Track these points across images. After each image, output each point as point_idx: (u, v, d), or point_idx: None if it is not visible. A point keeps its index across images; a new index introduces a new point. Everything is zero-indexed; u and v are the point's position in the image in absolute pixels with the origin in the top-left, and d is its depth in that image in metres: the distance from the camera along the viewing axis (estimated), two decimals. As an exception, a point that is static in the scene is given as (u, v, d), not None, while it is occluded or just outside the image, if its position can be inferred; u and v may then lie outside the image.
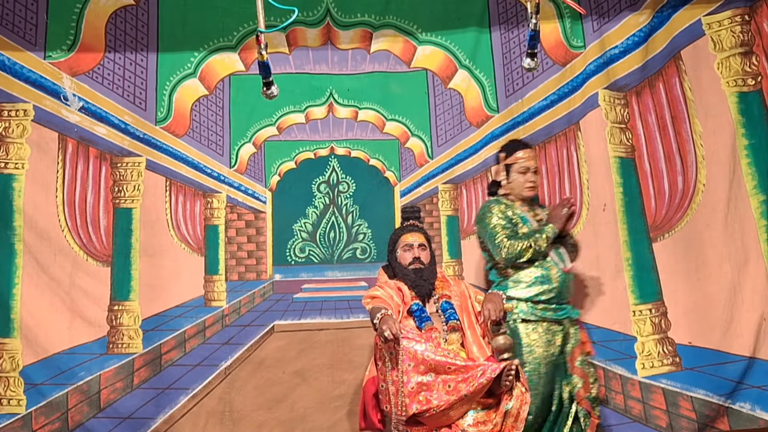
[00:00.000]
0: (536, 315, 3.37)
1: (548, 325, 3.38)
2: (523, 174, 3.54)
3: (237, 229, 4.14)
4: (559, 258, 3.47)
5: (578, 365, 3.40)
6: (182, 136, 4.13)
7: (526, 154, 3.56)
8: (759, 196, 3.61)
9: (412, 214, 3.54)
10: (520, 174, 3.54)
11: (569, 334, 3.42)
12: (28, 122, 3.85)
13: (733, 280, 3.60)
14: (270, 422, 3.83)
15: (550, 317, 3.38)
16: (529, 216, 3.55)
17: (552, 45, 4.18)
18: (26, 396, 3.63)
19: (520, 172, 3.54)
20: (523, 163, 3.53)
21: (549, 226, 3.43)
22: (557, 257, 3.46)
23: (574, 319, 3.48)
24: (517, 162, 3.54)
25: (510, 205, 3.55)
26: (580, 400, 3.36)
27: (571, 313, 3.46)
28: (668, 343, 3.76)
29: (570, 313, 3.45)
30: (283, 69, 4.19)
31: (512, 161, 3.56)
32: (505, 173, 3.58)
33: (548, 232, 3.41)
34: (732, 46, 3.75)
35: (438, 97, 4.29)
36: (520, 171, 3.54)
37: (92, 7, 4.01)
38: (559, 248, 3.49)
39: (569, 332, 3.42)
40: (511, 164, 3.56)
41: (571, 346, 3.42)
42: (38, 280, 3.73)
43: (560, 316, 3.40)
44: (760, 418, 3.45)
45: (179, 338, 3.93)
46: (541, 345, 3.34)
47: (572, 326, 3.45)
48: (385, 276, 3.40)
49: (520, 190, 3.55)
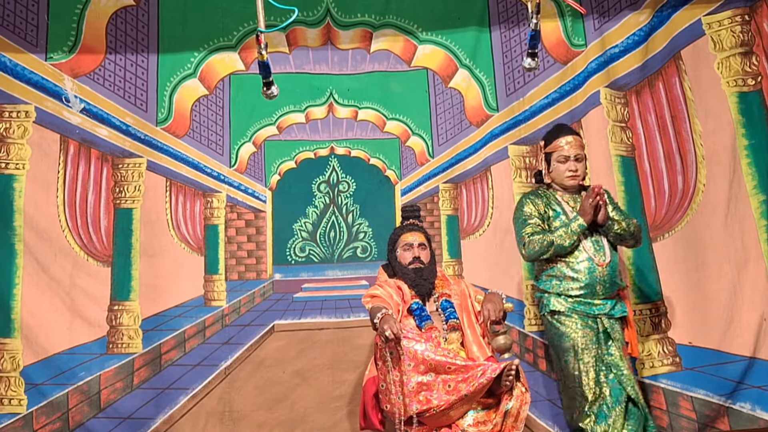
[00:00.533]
0: (567, 306, 3.22)
1: (581, 318, 3.20)
2: (563, 163, 3.33)
3: (237, 229, 4.14)
4: (595, 250, 3.24)
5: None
6: (182, 136, 4.13)
7: (565, 142, 3.34)
8: (759, 196, 3.61)
9: (412, 213, 3.54)
10: (560, 163, 3.34)
11: (611, 333, 3.21)
12: (30, 123, 3.86)
13: (733, 280, 3.59)
14: (270, 422, 3.83)
15: (582, 311, 3.21)
16: (569, 207, 3.34)
17: (553, 43, 4.18)
18: (27, 396, 3.64)
19: (560, 162, 3.34)
20: (563, 152, 3.33)
21: (576, 220, 3.22)
22: (593, 249, 3.25)
23: (616, 317, 3.26)
24: (556, 150, 3.35)
25: (549, 195, 3.38)
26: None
27: (611, 311, 3.24)
28: (668, 343, 3.76)
29: (611, 311, 3.24)
30: (283, 69, 4.19)
31: (551, 149, 3.37)
32: (546, 163, 3.40)
33: (573, 227, 3.21)
34: (732, 46, 3.74)
35: (438, 96, 4.29)
36: (560, 160, 3.34)
37: (93, 8, 4.02)
38: (598, 239, 3.27)
39: (611, 330, 3.21)
40: (551, 153, 3.37)
41: (617, 348, 3.20)
42: (38, 280, 3.74)
43: (593, 312, 3.21)
44: (761, 418, 3.44)
45: (179, 338, 3.93)
46: (577, 331, 3.18)
47: (615, 324, 3.24)
48: (385, 275, 3.40)
49: (561, 180, 3.36)
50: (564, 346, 3.21)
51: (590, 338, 3.18)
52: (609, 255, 3.26)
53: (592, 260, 3.22)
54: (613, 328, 3.23)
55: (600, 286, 3.21)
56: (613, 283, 3.25)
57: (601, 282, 3.21)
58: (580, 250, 3.24)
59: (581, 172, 3.37)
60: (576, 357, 3.17)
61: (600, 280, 3.21)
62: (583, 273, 3.21)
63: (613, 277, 3.25)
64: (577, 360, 3.16)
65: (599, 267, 3.21)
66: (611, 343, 3.20)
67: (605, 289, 3.23)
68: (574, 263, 3.23)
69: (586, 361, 3.16)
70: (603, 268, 3.22)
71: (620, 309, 3.28)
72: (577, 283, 3.21)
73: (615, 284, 3.26)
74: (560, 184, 3.39)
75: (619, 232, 3.28)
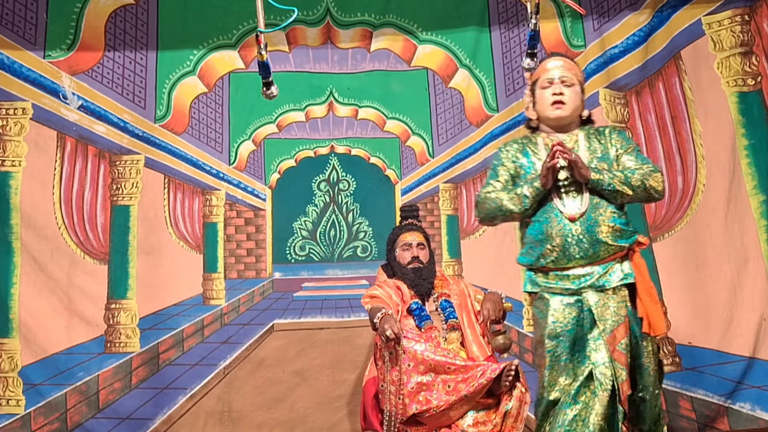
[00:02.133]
0: (538, 285, 2.53)
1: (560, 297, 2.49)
2: (547, 88, 2.56)
3: (236, 227, 4.14)
4: (564, 198, 2.49)
5: (622, 350, 2.42)
6: (181, 133, 4.12)
7: (552, 65, 2.59)
8: (759, 196, 3.61)
9: (410, 213, 3.54)
10: (544, 89, 2.57)
11: (605, 307, 2.45)
12: (27, 120, 3.84)
13: (733, 280, 3.60)
14: (270, 422, 3.82)
15: (558, 288, 2.49)
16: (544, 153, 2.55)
17: (553, 44, 4.18)
18: (25, 396, 3.62)
19: (544, 87, 2.57)
20: (547, 74, 2.57)
21: (529, 184, 2.51)
22: (564, 197, 2.49)
23: (608, 289, 2.46)
24: (540, 75, 2.60)
25: (531, 143, 2.63)
26: (624, 398, 2.41)
27: (602, 280, 2.45)
28: (668, 343, 3.76)
29: (600, 281, 2.45)
30: (282, 67, 4.18)
31: (536, 76, 2.63)
32: (531, 95, 2.65)
33: (523, 191, 2.49)
34: (732, 46, 3.74)
35: (439, 96, 4.29)
36: (543, 86, 2.58)
37: (92, 7, 4.00)
38: (569, 192, 2.50)
39: (603, 305, 2.45)
40: (536, 81, 2.63)
41: (611, 324, 2.43)
42: (36, 279, 3.72)
43: (571, 286, 2.47)
44: (760, 418, 3.45)
45: (177, 337, 3.92)
46: (555, 314, 2.47)
47: (607, 298, 2.45)
48: (384, 275, 3.39)
49: (545, 112, 2.58)
50: (536, 337, 2.56)
51: (567, 323, 2.47)
52: (586, 203, 2.46)
53: (560, 213, 2.48)
54: (605, 307, 2.45)
55: (575, 247, 2.44)
56: (596, 242, 2.44)
57: (577, 242, 2.44)
58: (551, 205, 2.50)
59: (571, 101, 2.56)
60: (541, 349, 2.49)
61: (574, 238, 2.44)
62: (553, 232, 2.47)
63: (594, 234, 2.43)
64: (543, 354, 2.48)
65: (569, 222, 2.45)
66: (606, 321, 2.43)
67: (583, 251, 2.44)
68: (542, 219, 2.50)
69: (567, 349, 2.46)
70: (576, 224, 2.44)
71: (618, 275, 2.47)
72: (545, 247, 2.48)
73: (599, 242, 2.44)
74: (546, 121, 2.62)
75: (613, 188, 2.44)
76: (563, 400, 2.44)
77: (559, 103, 2.54)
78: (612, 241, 2.46)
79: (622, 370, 2.41)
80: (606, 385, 2.39)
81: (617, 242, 2.47)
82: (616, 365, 2.41)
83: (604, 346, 2.42)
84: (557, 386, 2.47)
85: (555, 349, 2.47)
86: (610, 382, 2.39)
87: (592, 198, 2.47)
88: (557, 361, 2.47)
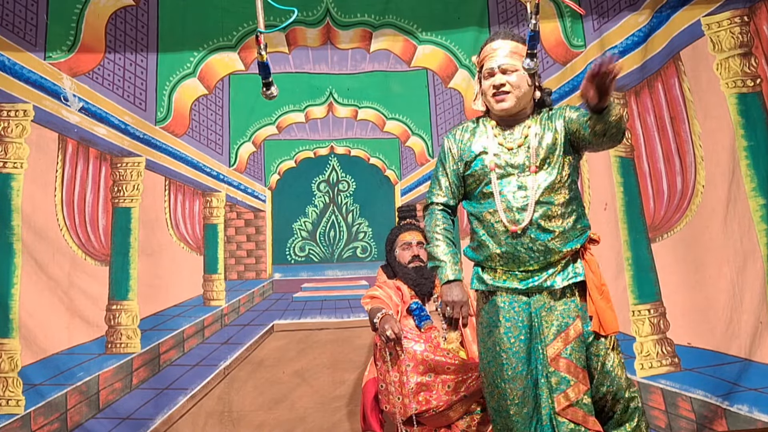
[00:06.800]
0: (485, 283, 2.39)
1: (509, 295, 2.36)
2: (488, 79, 2.39)
3: (236, 228, 4.14)
4: (508, 205, 2.33)
5: (566, 357, 2.30)
6: (182, 135, 4.12)
7: (491, 48, 2.39)
8: (758, 198, 3.61)
9: (408, 213, 3.54)
10: (485, 80, 2.40)
11: (551, 311, 2.33)
12: (28, 122, 3.85)
13: (732, 281, 3.60)
14: (270, 422, 3.83)
15: (506, 287, 2.35)
16: (494, 145, 2.39)
17: (552, 44, 4.19)
18: (25, 396, 3.63)
19: (485, 78, 2.41)
20: (487, 62, 2.38)
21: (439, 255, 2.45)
22: (506, 203, 2.34)
23: (556, 289, 2.33)
24: (483, 63, 2.41)
25: (474, 127, 2.48)
26: (561, 408, 2.27)
27: (548, 282, 2.33)
28: (667, 343, 3.76)
29: (546, 283, 2.32)
30: (282, 68, 4.19)
31: (480, 62, 2.44)
32: (479, 82, 2.47)
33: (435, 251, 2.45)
34: (731, 47, 3.75)
35: (438, 96, 4.29)
36: (485, 75, 2.40)
37: (92, 8, 4.01)
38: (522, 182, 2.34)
39: (550, 308, 2.33)
40: (480, 68, 2.45)
41: (556, 329, 2.30)
42: (37, 279, 3.74)
43: (519, 287, 2.35)
44: (758, 419, 3.46)
45: (178, 338, 3.93)
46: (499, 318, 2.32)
47: (555, 300, 2.34)
48: (384, 276, 3.40)
49: (490, 106, 2.43)
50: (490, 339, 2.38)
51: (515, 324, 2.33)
52: (530, 213, 2.30)
53: (505, 227, 2.33)
54: (550, 310, 2.33)
55: (525, 255, 2.32)
56: (548, 251, 2.31)
57: (526, 250, 2.31)
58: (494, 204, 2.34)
59: (515, 89, 2.36)
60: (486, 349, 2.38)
61: (523, 246, 2.31)
62: (500, 237, 2.34)
63: (546, 243, 2.31)
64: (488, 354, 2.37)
65: (511, 237, 2.31)
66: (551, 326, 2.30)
67: (534, 258, 2.32)
68: (490, 221, 2.35)
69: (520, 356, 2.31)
70: (521, 235, 2.30)
71: (566, 275, 2.34)
72: (490, 251, 2.36)
73: (551, 251, 2.32)
74: (492, 110, 2.46)
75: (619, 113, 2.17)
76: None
77: (502, 94, 2.37)
78: (562, 248, 2.35)
79: (563, 378, 2.29)
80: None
81: (567, 247, 2.36)
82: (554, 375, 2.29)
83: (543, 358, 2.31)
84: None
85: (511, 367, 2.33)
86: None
87: (537, 207, 2.32)
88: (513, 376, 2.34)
